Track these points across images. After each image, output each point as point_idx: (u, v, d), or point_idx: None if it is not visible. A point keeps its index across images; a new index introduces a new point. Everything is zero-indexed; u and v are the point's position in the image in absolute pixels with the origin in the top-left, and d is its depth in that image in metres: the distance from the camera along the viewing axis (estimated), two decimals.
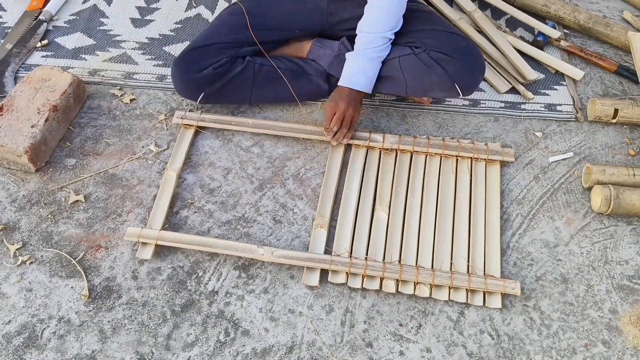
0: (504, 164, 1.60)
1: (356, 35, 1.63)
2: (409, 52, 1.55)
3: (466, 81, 1.55)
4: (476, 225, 1.47)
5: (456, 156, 1.59)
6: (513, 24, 1.99)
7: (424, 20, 1.60)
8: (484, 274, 1.39)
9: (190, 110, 1.70)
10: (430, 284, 1.36)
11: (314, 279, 1.38)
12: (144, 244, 1.43)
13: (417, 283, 1.37)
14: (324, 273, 1.39)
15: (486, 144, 1.61)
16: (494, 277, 1.37)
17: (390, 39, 1.55)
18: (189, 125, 1.66)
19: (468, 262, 1.40)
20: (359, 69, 1.54)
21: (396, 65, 1.56)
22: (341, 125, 1.56)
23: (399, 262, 1.40)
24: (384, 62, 1.57)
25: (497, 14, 2.02)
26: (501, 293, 1.36)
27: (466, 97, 1.74)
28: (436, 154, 1.60)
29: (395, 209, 1.50)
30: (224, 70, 1.60)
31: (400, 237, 1.45)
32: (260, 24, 1.64)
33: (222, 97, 1.67)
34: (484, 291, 1.36)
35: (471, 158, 1.59)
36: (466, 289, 1.36)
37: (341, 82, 1.55)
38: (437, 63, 1.52)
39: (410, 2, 1.57)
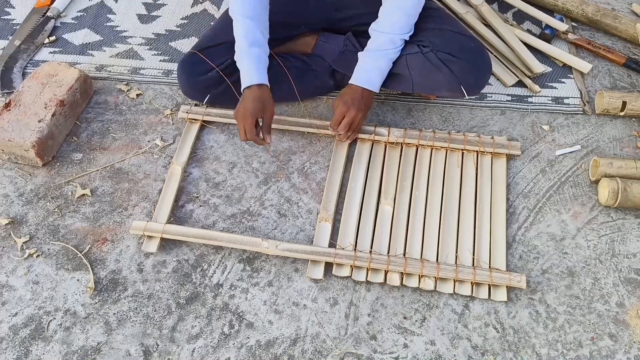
0: (510, 158, 1.59)
1: (361, 30, 1.63)
2: (416, 51, 1.54)
3: (472, 82, 1.54)
4: (481, 219, 1.46)
5: (462, 149, 1.58)
6: (520, 17, 1.97)
7: (433, 19, 1.58)
8: (489, 267, 1.38)
9: (195, 105, 1.70)
10: (435, 277, 1.36)
11: (319, 272, 1.38)
12: (150, 237, 1.43)
13: (422, 276, 1.36)
14: (328, 266, 1.39)
15: (492, 137, 1.60)
16: (499, 270, 1.36)
17: (406, 40, 1.54)
18: (195, 119, 1.66)
19: (473, 255, 1.40)
20: (376, 70, 1.52)
21: (403, 62, 1.54)
22: (348, 129, 1.55)
23: (404, 255, 1.40)
24: None
25: (504, 7, 2.00)
26: (506, 286, 1.35)
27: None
28: (442, 147, 1.59)
29: (400, 202, 1.49)
30: (229, 71, 1.59)
31: (405, 230, 1.45)
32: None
33: (228, 97, 1.66)
34: (489, 284, 1.35)
35: (477, 151, 1.58)
36: (471, 282, 1.35)
37: (355, 82, 1.52)
38: (443, 63, 1.50)
39: None
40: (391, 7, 1.49)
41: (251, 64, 1.46)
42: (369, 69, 1.52)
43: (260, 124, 1.46)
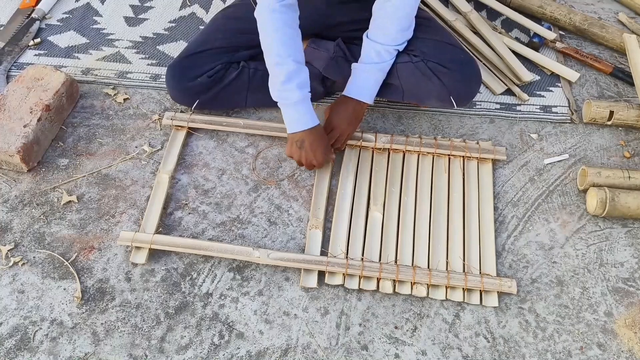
0: (499, 165, 1.60)
1: (352, 36, 1.62)
2: (407, 60, 1.53)
3: (462, 93, 1.55)
4: (470, 224, 1.47)
5: (448, 155, 1.59)
6: (509, 25, 1.99)
7: (424, 29, 1.57)
8: (480, 272, 1.38)
9: (181, 111, 1.68)
10: (427, 284, 1.36)
11: (312, 280, 1.37)
12: (138, 248, 1.41)
13: (414, 283, 1.36)
14: (320, 275, 1.38)
15: (477, 143, 1.61)
16: (489, 276, 1.37)
17: (399, 50, 1.53)
18: (180, 126, 1.64)
19: (464, 261, 1.40)
20: (370, 81, 1.51)
21: (393, 71, 1.54)
22: (334, 142, 1.54)
23: (395, 262, 1.40)
24: None
25: (492, 15, 2.01)
26: (497, 292, 1.36)
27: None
28: (428, 153, 1.59)
29: (390, 208, 1.49)
30: (218, 77, 1.58)
31: (396, 237, 1.45)
32: (255, 27, 1.62)
33: (217, 103, 1.66)
34: (480, 290, 1.35)
35: (463, 157, 1.59)
36: (463, 288, 1.36)
37: (349, 93, 1.52)
38: (434, 73, 1.51)
39: None
40: (385, 18, 1.47)
41: (308, 107, 1.46)
42: (364, 81, 1.52)
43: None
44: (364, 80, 1.51)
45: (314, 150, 1.45)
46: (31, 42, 1.88)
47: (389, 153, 1.60)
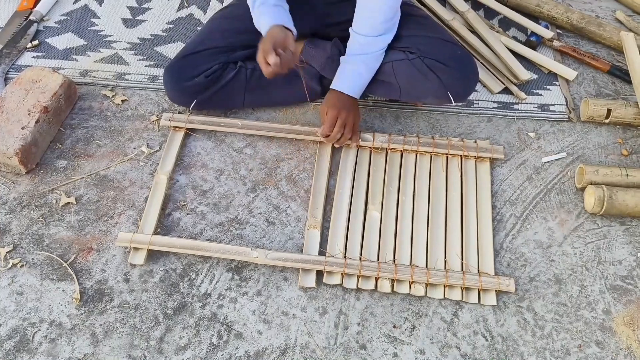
0: (497, 164, 1.60)
1: (349, 35, 1.62)
2: (402, 58, 1.54)
3: (459, 90, 1.55)
4: (468, 223, 1.47)
5: (446, 154, 1.59)
6: (506, 24, 1.99)
7: (420, 26, 1.58)
8: (478, 271, 1.39)
9: (179, 112, 1.68)
10: (426, 283, 1.36)
11: (310, 280, 1.37)
12: (136, 249, 1.41)
13: (412, 282, 1.36)
14: (318, 275, 1.39)
15: (475, 142, 1.61)
16: (487, 275, 1.37)
17: (388, 44, 1.53)
18: (178, 127, 1.64)
19: (462, 259, 1.40)
20: (355, 74, 1.52)
21: (389, 69, 1.54)
22: (344, 132, 1.54)
23: (394, 261, 1.40)
24: None
25: (490, 14, 2.02)
26: (495, 291, 1.36)
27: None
28: (426, 152, 1.60)
29: (388, 208, 1.50)
30: (216, 77, 1.59)
31: (394, 236, 1.45)
32: (253, 27, 1.62)
33: (215, 103, 1.66)
34: (478, 289, 1.35)
35: (461, 156, 1.59)
36: (461, 287, 1.36)
37: (335, 87, 1.53)
38: (431, 70, 1.51)
39: (405, 5, 1.56)
40: (366, 9, 1.48)
41: (262, 15, 1.48)
42: (349, 74, 1.53)
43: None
44: (348, 73, 1.52)
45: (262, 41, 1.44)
46: (29, 44, 1.89)
47: (386, 152, 1.60)
